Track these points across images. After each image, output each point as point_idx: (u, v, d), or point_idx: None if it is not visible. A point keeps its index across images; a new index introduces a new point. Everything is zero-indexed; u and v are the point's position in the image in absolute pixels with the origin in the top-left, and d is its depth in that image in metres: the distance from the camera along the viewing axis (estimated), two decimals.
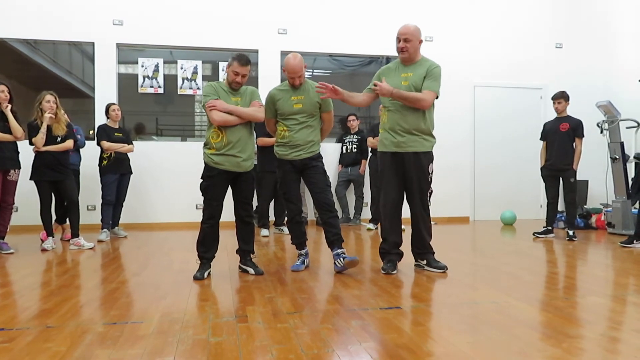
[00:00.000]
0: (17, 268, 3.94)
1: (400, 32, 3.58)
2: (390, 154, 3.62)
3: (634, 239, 4.91)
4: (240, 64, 3.39)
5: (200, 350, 2.04)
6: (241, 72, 3.40)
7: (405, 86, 3.55)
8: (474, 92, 7.76)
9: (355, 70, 7.66)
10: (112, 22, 6.76)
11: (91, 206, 6.49)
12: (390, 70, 3.69)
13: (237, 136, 3.42)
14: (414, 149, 3.59)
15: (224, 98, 3.43)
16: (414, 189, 3.65)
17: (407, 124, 3.55)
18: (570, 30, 8.04)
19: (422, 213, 3.71)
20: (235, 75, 3.41)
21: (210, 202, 3.50)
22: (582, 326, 2.37)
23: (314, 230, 6.17)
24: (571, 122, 5.62)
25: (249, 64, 3.43)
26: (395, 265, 3.67)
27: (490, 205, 7.68)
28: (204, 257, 3.54)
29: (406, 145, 3.58)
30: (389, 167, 3.65)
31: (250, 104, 3.49)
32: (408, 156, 3.59)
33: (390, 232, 3.71)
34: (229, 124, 3.39)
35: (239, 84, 3.46)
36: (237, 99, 3.47)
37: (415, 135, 3.58)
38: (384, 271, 3.59)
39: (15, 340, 2.16)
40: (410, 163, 3.59)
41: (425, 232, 3.72)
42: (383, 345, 2.10)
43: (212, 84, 3.50)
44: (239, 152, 3.43)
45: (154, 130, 7.31)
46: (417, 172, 3.61)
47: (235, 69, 3.39)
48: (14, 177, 4.74)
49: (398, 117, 3.56)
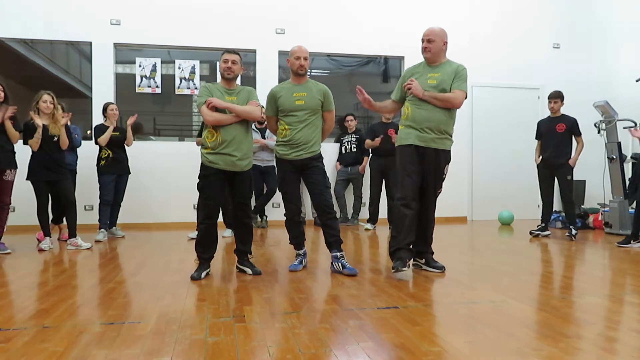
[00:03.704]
0: (14, 268, 3.93)
1: (425, 33, 3.64)
2: (414, 147, 3.55)
3: (631, 239, 4.92)
4: (227, 52, 3.48)
5: (198, 350, 2.04)
6: (230, 58, 3.44)
7: (432, 85, 3.56)
8: (471, 92, 7.76)
9: (353, 70, 7.66)
10: (110, 21, 6.76)
11: (89, 206, 6.48)
12: (417, 71, 3.69)
13: (232, 135, 3.41)
14: (436, 146, 3.57)
15: (219, 98, 3.42)
16: (427, 187, 3.62)
17: (432, 122, 3.53)
18: (568, 30, 8.06)
19: (431, 212, 3.70)
20: (224, 62, 3.44)
21: (206, 202, 3.49)
22: (579, 326, 2.37)
23: (312, 231, 6.17)
24: (566, 122, 5.64)
25: (237, 53, 3.50)
26: (406, 262, 3.47)
27: (488, 205, 7.70)
28: (202, 257, 3.54)
29: (430, 140, 3.55)
30: (411, 161, 3.54)
31: (247, 103, 3.49)
32: (429, 152, 3.56)
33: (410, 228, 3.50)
34: (223, 123, 3.39)
35: (231, 70, 3.45)
36: (233, 99, 3.46)
37: (440, 134, 3.57)
38: (394, 269, 3.42)
39: (12, 341, 2.16)
40: (431, 159, 3.57)
41: (429, 231, 3.72)
42: (381, 345, 2.10)
43: (207, 85, 3.50)
44: (234, 151, 3.42)
45: (152, 130, 7.30)
46: (435, 170, 3.60)
47: (224, 57, 3.46)
48: (10, 177, 4.73)
49: (425, 113, 3.54)
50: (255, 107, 3.49)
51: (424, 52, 3.64)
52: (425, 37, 3.61)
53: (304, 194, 5.87)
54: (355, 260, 4.09)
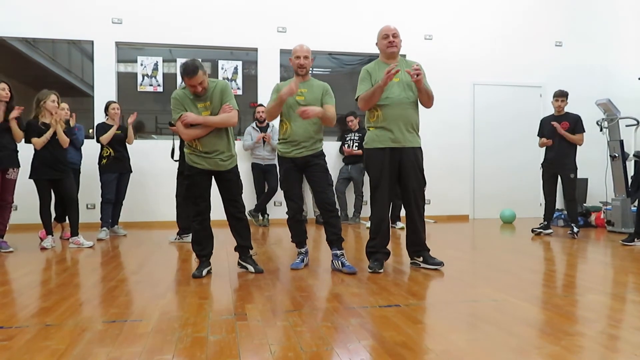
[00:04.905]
0: (17, 266, 3.94)
1: (388, 29, 3.66)
2: (389, 150, 3.59)
3: (634, 237, 4.92)
4: (189, 77, 3.20)
5: (200, 348, 2.04)
6: (194, 82, 3.22)
7: (397, 83, 3.57)
8: (473, 90, 7.76)
9: (355, 68, 7.65)
10: (111, 20, 6.76)
11: (91, 205, 6.49)
12: (376, 69, 3.67)
13: (212, 143, 3.37)
14: (412, 145, 3.62)
15: (190, 106, 3.33)
16: (412, 186, 3.64)
17: (406, 120, 3.58)
18: (569, 28, 8.04)
19: (420, 210, 3.71)
20: (192, 87, 3.26)
21: (195, 201, 3.47)
22: (581, 324, 2.37)
23: (314, 229, 6.17)
24: (570, 120, 5.62)
25: (197, 71, 3.19)
26: (382, 263, 3.67)
27: (490, 204, 7.69)
28: (201, 255, 3.54)
29: (405, 140, 3.59)
30: (387, 165, 3.60)
31: (221, 108, 3.35)
32: (407, 152, 3.60)
33: (385, 232, 3.69)
34: (200, 136, 3.34)
35: (204, 89, 3.30)
36: (206, 104, 3.35)
37: (413, 132, 3.64)
38: (371, 269, 3.57)
39: (15, 339, 2.16)
40: (409, 159, 3.60)
41: (421, 229, 3.73)
42: (382, 343, 2.10)
43: (177, 95, 3.36)
44: (217, 155, 3.41)
45: (153, 129, 7.30)
46: (415, 168, 3.63)
47: (189, 82, 3.23)
48: (13, 175, 4.75)
49: (398, 112, 3.56)
50: (230, 113, 3.34)
51: (391, 47, 3.64)
52: (390, 32, 3.65)
53: (306, 192, 5.87)
54: (356, 258, 4.09)
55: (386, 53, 3.68)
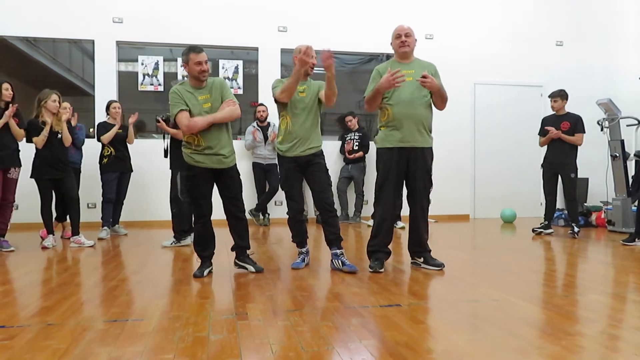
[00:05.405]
0: (18, 266, 3.94)
1: (402, 28, 3.67)
2: (397, 149, 3.58)
3: (635, 237, 4.91)
4: (196, 53, 3.33)
5: (201, 347, 2.05)
6: (202, 59, 3.31)
7: (410, 82, 3.55)
8: (474, 89, 7.75)
9: (355, 68, 7.65)
10: (112, 19, 6.76)
11: (92, 204, 6.50)
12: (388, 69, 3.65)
13: (214, 136, 3.36)
14: (420, 145, 3.59)
15: (191, 100, 3.34)
16: (418, 187, 3.63)
17: (417, 120, 3.55)
18: (570, 27, 8.03)
19: (424, 211, 3.71)
20: (198, 65, 3.31)
21: (197, 202, 3.46)
22: (581, 324, 2.37)
23: (314, 229, 6.17)
24: (571, 120, 5.61)
25: (203, 50, 3.39)
26: (383, 263, 3.67)
27: (491, 203, 7.69)
28: (202, 256, 3.54)
29: (415, 140, 3.57)
30: (394, 165, 3.59)
31: (222, 103, 3.38)
32: (415, 152, 3.58)
33: (387, 231, 3.68)
34: (200, 128, 3.31)
35: (206, 72, 3.36)
36: (206, 96, 3.37)
37: (423, 132, 3.60)
38: (372, 269, 3.57)
39: (16, 338, 2.17)
40: (417, 159, 3.59)
41: (424, 230, 3.72)
42: (383, 343, 2.10)
43: (176, 90, 3.37)
44: (220, 150, 3.40)
45: (154, 128, 7.29)
46: (422, 168, 3.62)
47: (196, 59, 3.31)
48: (14, 175, 4.75)
49: (408, 112, 3.54)
50: (233, 106, 3.38)
51: (403, 47, 3.64)
52: (403, 32, 3.65)
53: (307, 192, 5.86)
54: (357, 258, 4.09)
55: (399, 53, 3.69)
